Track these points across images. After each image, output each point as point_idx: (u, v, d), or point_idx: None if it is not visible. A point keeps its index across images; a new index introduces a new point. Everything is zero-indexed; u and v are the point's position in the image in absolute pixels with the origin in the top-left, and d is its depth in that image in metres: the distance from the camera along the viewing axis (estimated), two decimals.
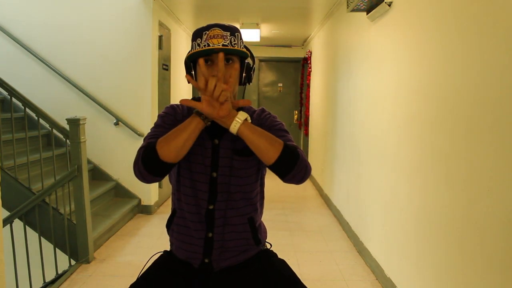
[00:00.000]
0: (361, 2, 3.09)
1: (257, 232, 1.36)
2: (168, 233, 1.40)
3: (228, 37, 1.22)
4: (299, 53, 7.73)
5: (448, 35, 1.93)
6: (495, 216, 1.52)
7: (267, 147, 1.14)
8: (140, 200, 4.38)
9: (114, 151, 4.32)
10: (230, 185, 1.28)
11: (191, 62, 1.29)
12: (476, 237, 1.64)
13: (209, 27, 1.22)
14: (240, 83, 1.30)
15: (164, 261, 1.40)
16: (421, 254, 2.18)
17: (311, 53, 6.76)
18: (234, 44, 1.22)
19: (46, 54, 4.22)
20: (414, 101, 2.32)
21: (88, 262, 3.09)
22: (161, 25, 4.58)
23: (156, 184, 4.58)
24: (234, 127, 1.14)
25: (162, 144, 1.17)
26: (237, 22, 5.69)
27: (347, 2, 3.42)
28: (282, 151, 1.14)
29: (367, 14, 3.11)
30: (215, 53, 1.19)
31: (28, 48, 4.19)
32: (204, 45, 1.21)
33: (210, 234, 1.29)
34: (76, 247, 3.08)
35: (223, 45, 1.20)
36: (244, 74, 1.29)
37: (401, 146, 2.50)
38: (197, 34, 1.24)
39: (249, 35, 6.25)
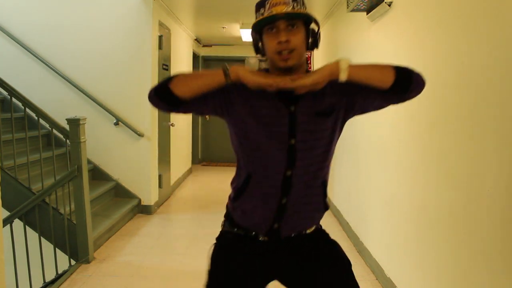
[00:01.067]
0: (361, 2, 3.09)
1: (326, 196, 1.41)
2: (233, 201, 1.37)
3: (291, 3, 1.19)
4: None
5: (448, 34, 1.93)
6: (495, 216, 1.52)
7: (382, 72, 1.20)
8: (140, 200, 4.38)
9: (114, 151, 4.32)
10: (307, 150, 1.28)
11: (256, 34, 1.28)
12: (476, 237, 1.64)
13: None
14: (307, 48, 1.29)
15: (224, 247, 1.39)
16: (421, 254, 2.18)
17: (311, 53, 6.76)
18: (298, 9, 1.20)
19: (46, 54, 4.22)
20: (414, 100, 2.32)
21: (88, 262, 3.09)
22: (161, 25, 4.58)
23: (156, 184, 4.58)
24: (343, 76, 1.20)
25: (179, 78, 1.24)
26: (237, 22, 5.69)
27: (347, 2, 3.42)
28: (394, 69, 1.20)
29: (367, 14, 3.10)
30: (279, 20, 1.18)
31: (28, 48, 4.19)
32: (269, 13, 1.19)
33: (284, 200, 1.30)
34: (76, 247, 3.08)
35: (286, 11, 1.18)
36: (310, 39, 1.27)
37: (401, 146, 2.50)
38: (260, 5, 1.23)
39: (249, 35, 6.25)
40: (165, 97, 1.24)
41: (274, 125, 1.26)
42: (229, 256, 1.37)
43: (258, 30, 1.26)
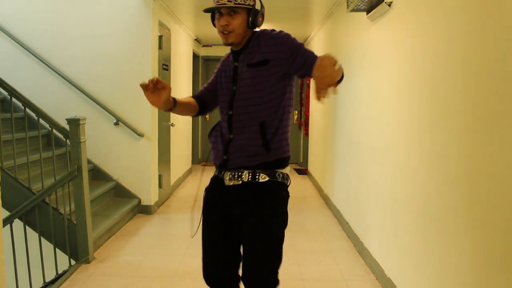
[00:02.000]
0: (361, 2, 3.09)
1: (268, 138, 1.63)
2: (210, 143, 1.80)
3: None
4: None
5: (448, 34, 1.93)
6: (495, 216, 1.52)
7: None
8: (140, 200, 4.38)
9: (114, 151, 4.32)
10: (244, 93, 1.64)
11: (211, 16, 1.69)
12: (476, 237, 1.64)
13: None
14: (248, 26, 1.63)
15: (208, 189, 1.78)
16: (421, 254, 2.18)
17: None
18: (239, 0, 1.57)
19: (46, 54, 4.22)
20: (414, 100, 2.32)
21: (88, 262, 3.09)
22: (161, 25, 4.58)
23: (156, 184, 4.58)
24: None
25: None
26: None
27: (347, 2, 3.42)
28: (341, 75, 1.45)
29: (367, 14, 3.11)
30: (222, 8, 1.59)
31: (28, 48, 4.19)
32: (216, 2, 1.58)
33: (231, 136, 1.66)
34: (76, 247, 3.08)
35: (228, 1, 1.56)
36: (250, 19, 1.62)
37: (401, 146, 2.50)
38: None
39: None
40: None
41: (226, 77, 1.72)
42: (209, 197, 1.76)
43: (212, 14, 1.68)
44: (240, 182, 1.63)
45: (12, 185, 3.04)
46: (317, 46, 6.10)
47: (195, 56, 7.15)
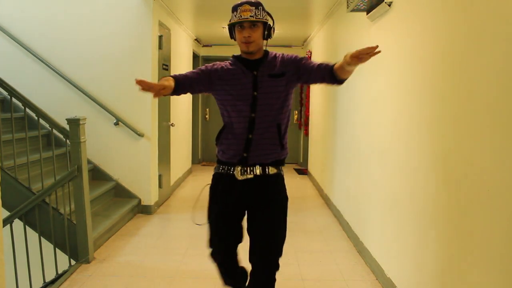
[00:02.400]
0: (361, 2, 3.09)
1: (282, 138, 1.98)
2: (216, 144, 2.05)
3: (254, 11, 1.89)
4: (299, 53, 7.71)
5: (448, 34, 1.93)
6: (495, 216, 1.52)
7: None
8: (140, 200, 4.38)
9: (114, 151, 4.32)
10: (266, 99, 1.93)
11: (231, 28, 1.97)
12: (476, 237, 1.64)
13: (241, 4, 1.90)
14: (264, 38, 1.96)
15: (213, 187, 2.06)
16: (421, 254, 2.18)
17: (311, 53, 6.76)
18: (258, 15, 1.90)
19: (46, 54, 4.22)
20: (414, 100, 2.32)
21: (88, 262, 3.09)
22: (161, 25, 4.58)
23: (156, 184, 4.58)
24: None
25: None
26: None
27: (347, 2, 3.42)
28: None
29: (367, 14, 3.11)
30: (245, 22, 1.89)
31: (28, 48, 4.19)
32: (239, 17, 1.89)
33: (250, 136, 1.93)
34: (76, 247, 3.08)
35: (250, 16, 1.88)
36: (266, 32, 1.95)
37: (401, 145, 2.50)
38: (234, 9, 1.92)
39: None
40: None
41: (242, 83, 1.95)
42: (217, 191, 2.03)
43: (232, 26, 1.96)
44: (252, 175, 1.94)
45: (12, 185, 3.04)
46: (317, 46, 6.11)
47: (195, 56, 7.15)
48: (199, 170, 7.21)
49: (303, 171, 7.25)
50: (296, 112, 7.87)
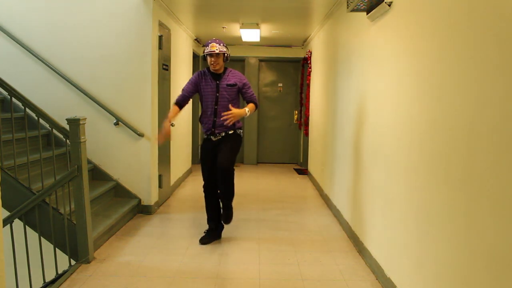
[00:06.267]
0: (361, 2, 3.09)
1: (235, 123, 3.45)
2: (201, 123, 3.57)
3: (218, 47, 3.35)
4: (299, 53, 7.73)
5: (448, 35, 1.93)
6: (495, 216, 1.52)
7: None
8: (140, 200, 4.38)
9: (114, 151, 4.32)
10: (223, 98, 3.43)
11: (204, 56, 3.45)
12: (477, 237, 1.64)
13: (211, 42, 3.37)
14: (224, 61, 3.45)
15: (202, 146, 3.66)
16: (421, 254, 2.18)
17: (311, 53, 6.76)
18: (220, 49, 3.36)
19: (46, 54, 4.22)
20: (414, 101, 2.32)
21: (88, 262, 3.09)
22: (161, 25, 4.58)
23: (156, 184, 4.58)
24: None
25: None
26: (237, 22, 5.69)
27: (347, 2, 3.42)
28: (256, 106, 3.58)
29: (367, 14, 3.11)
30: (213, 53, 3.36)
31: (28, 48, 4.19)
32: (209, 50, 3.36)
33: (215, 118, 3.44)
34: (76, 247, 3.08)
35: (215, 49, 3.34)
36: (225, 58, 3.45)
37: (401, 146, 2.50)
38: (206, 45, 3.40)
39: (249, 35, 6.24)
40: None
41: (210, 89, 3.45)
42: (204, 148, 3.59)
43: (204, 55, 3.42)
44: (220, 137, 3.47)
45: (12, 185, 3.04)
46: (317, 46, 6.10)
47: (195, 56, 7.15)
48: (199, 170, 7.20)
49: (303, 171, 7.25)
50: (296, 112, 7.87)
